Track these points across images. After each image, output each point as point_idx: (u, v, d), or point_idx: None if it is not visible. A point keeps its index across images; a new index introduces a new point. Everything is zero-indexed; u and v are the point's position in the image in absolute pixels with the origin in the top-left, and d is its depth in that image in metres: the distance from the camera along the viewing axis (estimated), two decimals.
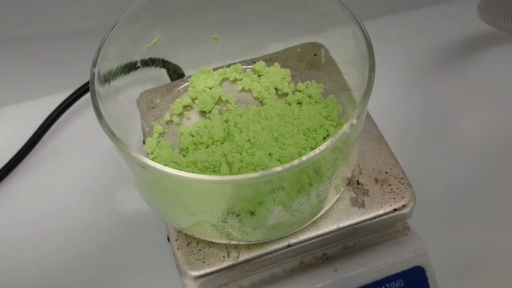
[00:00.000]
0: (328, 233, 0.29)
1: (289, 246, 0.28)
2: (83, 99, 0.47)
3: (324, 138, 0.29)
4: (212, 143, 0.30)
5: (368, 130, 0.33)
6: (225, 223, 0.26)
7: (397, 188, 0.30)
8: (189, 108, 0.34)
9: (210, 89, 0.34)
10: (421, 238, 0.31)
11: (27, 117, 0.48)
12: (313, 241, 0.29)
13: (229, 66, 0.35)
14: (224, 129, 0.30)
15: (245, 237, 0.27)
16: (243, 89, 0.34)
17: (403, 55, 0.51)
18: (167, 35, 0.33)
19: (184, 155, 0.30)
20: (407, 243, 0.30)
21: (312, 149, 0.28)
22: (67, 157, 0.45)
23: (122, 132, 0.28)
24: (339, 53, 0.33)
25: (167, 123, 0.33)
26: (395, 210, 0.29)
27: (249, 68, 0.35)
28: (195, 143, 0.30)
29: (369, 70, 0.25)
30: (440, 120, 0.46)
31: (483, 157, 0.43)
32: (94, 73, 0.26)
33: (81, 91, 0.45)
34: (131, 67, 0.32)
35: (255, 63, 0.35)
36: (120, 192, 0.43)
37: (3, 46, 0.48)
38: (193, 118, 0.33)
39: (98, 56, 0.27)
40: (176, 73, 0.37)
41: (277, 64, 0.34)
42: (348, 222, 0.29)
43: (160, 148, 0.31)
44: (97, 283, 0.38)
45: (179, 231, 0.29)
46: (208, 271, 0.27)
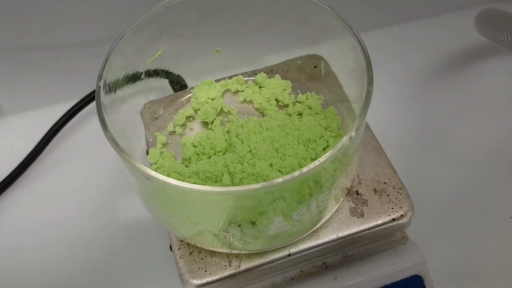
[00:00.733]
0: (327, 243, 0.29)
1: (290, 255, 0.29)
2: (88, 109, 0.47)
3: (324, 148, 0.29)
4: (214, 154, 0.30)
5: (367, 141, 0.33)
6: (227, 233, 0.26)
7: (396, 198, 0.30)
8: (191, 119, 0.34)
9: (212, 100, 0.35)
10: (419, 247, 0.31)
11: (32, 126, 0.48)
12: (313, 251, 0.29)
13: (231, 77, 0.36)
14: (226, 140, 0.31)
15: (246, 246, 0.27)
16: (245, 100, 0.35)
17: (401, 67, 0.52)
18: (170, 47, 0.33)
19: (186, 165, 0.31)
20: (406, 252, 0.31)
21: (312, 159, 0.28)
22: (71, 166, 0.46)
23: (126, 142, 0.29)
24: (339, 65, 0.34)
25: (170, 134, 0.34)
26: (393, 220, 0.30)
27: (250, 79, 0.36)
28: (198, 154, 0.31)
29: (367, 84, 0.25)
30: (437, 130, 0.47)
31: (481, 167, 0.44)
32: (100, 86, 0.27)
33: (85, 101, 0.46)
34: (135, 78, 0.32)
35: (256, 74, 0.35)
36: (123, 200, 0.43)
37: (8, 55, 0.49)
38: (196, 128, 0.34)
39: (104, 69, 0.27)
40: (179, 85, 0.38)
41: (278, 75, 0.35)
42: (347, 231, 0.29)
43: (163, 158, 0.31)
44: None
45: (182, 240, 0.30)
46: (210, 279, 0.28)
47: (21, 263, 0.40)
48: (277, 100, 0.34)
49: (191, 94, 0.35)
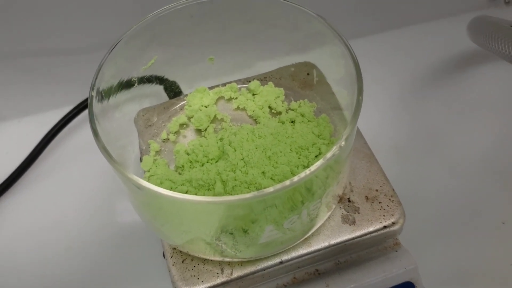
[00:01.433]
0: (319, 250, 0.29)
1: (282, 262, 0.29)
2: (83, 115, 0.47)
3: (316, 156, 0.29)
4: (207, 161, 0.30)
5: (359, 148, 0.33)
6: (219, 241, 0.26)
7: (387, 205, 0.30)
8: (185, 126, 0.34)
9: (206, 107, 0.35)
10: (411, 254, 0.31)
11: (27, 133, 0.49)
12: (305, 258, 0.29)
13: (224, 85, 0.36)
14: (219, 147, 0.31)
15: (238, 254, 0.28)
16: (238, 108, 0.35)
17: (393, 73, 0.52)
18: (164, 56, 0.33)
19: (179, 173, 0.31)
20: (398, 259, 0.31)
21: (304, 167, 0.28)
22: (67, 171, 0.46)
23: (120, 150, 0.29)
24: (330, 72, 0.34)
25: (164, 141, 0.34)
26: (385, 227, 0.30)
27: (244, 87, 0.36)
28: (191, 161, 0.31)
29: (357, 93, 0.25)
30: (429, 137, 0.47)
31: (472, 173, 0.44)
32: (92, 96, 0.27)
33: (80, 107, 0.46)
34: (129, 85, 0.32)
35: (249, 82, 0.36)
36: (119, 205, 0.44)
37: (4, 61, 0.49)
38: (189, 136, 0.34)
39: (96, 78, 0.27)
40: (173, 92, 0.38)
41: (271, 83, 0.35)
42: (339, 239, 0.29)
43: (156, 166, 0.31)
44: None
45: (174, 248, 0.30)
46: (202, 287, 0.28)
47: (18, 267, 0.40)
48: (270, 107, 0.34)
49: (185, 101, 0.36)
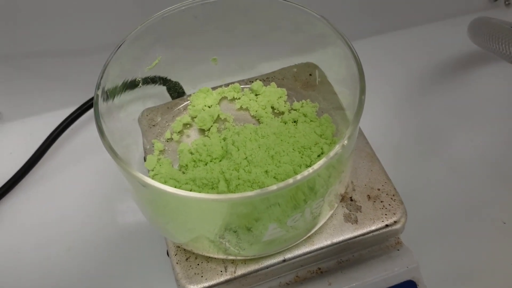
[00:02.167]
0: (322, 248, 0.30)
1: (285, 261, 0.29)
2: (86, 115, 0.48)
3: (318, 155, 0.30)
4: (210, 161, 0.31)
5: (361, 147, 0.34)
6: (223, 239, 0.27)
7: (389, 204, 0.31)
8: (188, 126, 0.35)
9: (209, 107, 0.35)
10: (413, 252, 0.31)
11: (31, 133, 0.49)
12: (307, 256, 0.30)
13: (227, 85, 0.36)
14: (222, 147, 0.31)
15: (242, 252, 0.28)
16: (241, 108, 0.35)
17: (395, 74, 0.53)
18: (167, 56, 0.34)
19: (183, 172, 0.31)
20: (399, 257, 0.31)
21: (307, 166, 0.29)
22: (70, 172, 0.47)
23: (124, 149, 0.30)
24: (332, 72, 0.34)
25: (168, 141, 0.34)
26: (387, 226, 0.30)
27: (246, 87, 0.36)
28: (194, 161, 0.31)
29: (360, 93, 0.26)
30: (431, 137, 0.47)
31: (474, 173, 0.44)
32: (98, 95, 0.27)
33: (84, 107, 0.47)
34: (133, 86, 0.33)
35: (252, 82, 0.36)
36: (122, 205, 0.44)
37: (8, 62, 0.49)
38: (193, 135, 0.34)
39: (101, 78, 0.28)
40: (177, 92, 0.38)
41: (273, 83, 0.36)
42: (341, 237, 0.30)
43: (160, 165, 0.32)
44: None
45: (178, 246, 0.30)
46: (206, 285, 0.28)
47: (22, 266, 0.41)
48: (272, 107, 0.35)
49: (188, 101, 0.36)
